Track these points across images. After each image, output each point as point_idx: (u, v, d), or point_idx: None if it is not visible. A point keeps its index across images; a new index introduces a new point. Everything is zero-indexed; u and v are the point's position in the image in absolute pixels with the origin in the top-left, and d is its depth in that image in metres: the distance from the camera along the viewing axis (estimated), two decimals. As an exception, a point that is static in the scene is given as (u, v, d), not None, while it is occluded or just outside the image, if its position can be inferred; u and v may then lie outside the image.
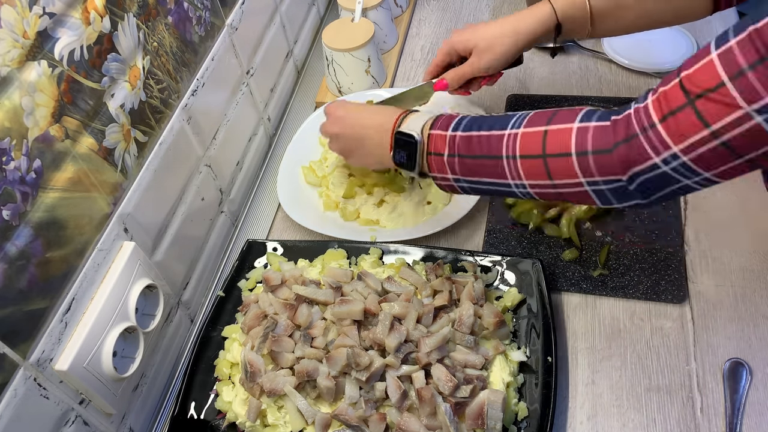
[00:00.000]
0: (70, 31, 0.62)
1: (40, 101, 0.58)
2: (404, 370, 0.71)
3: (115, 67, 0.69)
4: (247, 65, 1.02)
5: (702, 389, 0.73)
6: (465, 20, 1.28)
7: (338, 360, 0.71)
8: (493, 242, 0.90)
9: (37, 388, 0.59)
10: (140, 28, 0.74)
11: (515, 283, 0.81)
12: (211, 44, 0.91)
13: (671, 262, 0.83)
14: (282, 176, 1.01)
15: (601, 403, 0.73)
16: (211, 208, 0.93)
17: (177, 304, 0.84)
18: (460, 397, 0.68)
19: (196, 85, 0.86)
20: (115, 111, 0.70)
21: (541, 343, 0.74)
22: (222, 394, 0.76)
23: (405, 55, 1.24)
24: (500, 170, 0.67)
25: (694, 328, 0.78)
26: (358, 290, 0.78)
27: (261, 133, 1.09)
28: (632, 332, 0.78)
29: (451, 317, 0.75)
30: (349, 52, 1.08)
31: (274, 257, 0.89)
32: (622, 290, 0.81)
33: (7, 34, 0.54)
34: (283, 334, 0.75)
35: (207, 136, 0.90)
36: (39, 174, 0.59)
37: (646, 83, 1.08)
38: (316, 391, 0.72)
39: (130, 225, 0.73)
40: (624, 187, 0.59)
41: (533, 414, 0.70)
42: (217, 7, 0.92)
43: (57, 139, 0.61)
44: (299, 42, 1.25)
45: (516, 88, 1.12)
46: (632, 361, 0.76)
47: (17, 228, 0.56)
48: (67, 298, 0.63)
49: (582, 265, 0.85)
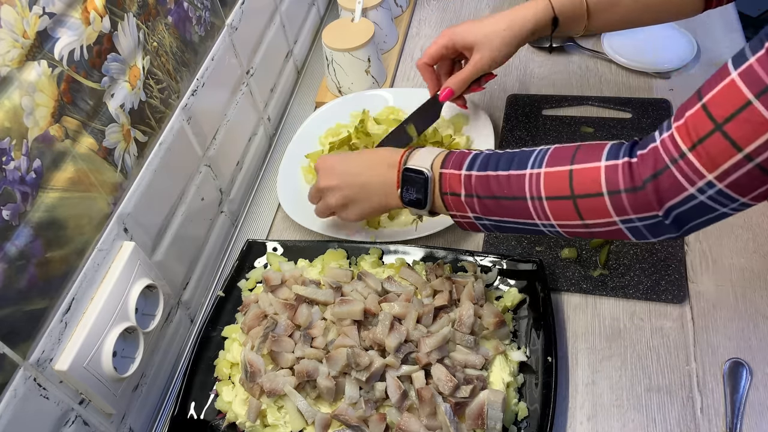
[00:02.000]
0: (69, 31, 0.62)
1: (39, 101, 0.58)
2: (404, 370, 0.71)
3: (115, 67, 0.69)
4: (247, 65, 1.02)
5: (702, 389, 0.73)
6: (465, 20, 1.28)
7: (338, 360, 0.71)
8: (493, 242, 0.90)
9: (36, 388, 0.59)
10: (140, 28, 0.74)
11: (515, 283, 0.81)
12: (211, 44, 0.91)
13: (671, 262, 0.83)
14: (282, 176, 1.01)
15: (601, 403, 0.73)
16: (210, 208, 0.93)
17: (177, 304, 0.84)
18: (460, 397, 0.68)
19: (196, 85, 0.86)
20: (115, 111, 0.70)
21: (541, 343, 0.74)
22: (222, 394, 0.76)
23: (405, 55, 1.24)
24: (525, 211, 0.65)
25: (694, 328, 0.78)
26: (358, 290, 0.78)
27: (261, 133, 1.09)
28: (632, 332, 0.78)
29: (451, 317, 0.75)
30: (349, 52, 1.08)
31: (274, 257, 0.89)
32: (622, 290, 0.81)
33: (7, 33, 0.54)
34: (283, 334, 0.75)
35: (207, 136, 0.90)
36: (39, 174, 0.59)
37: (647, 83, 1.08)
38: (316, 392, 0.72)
39: (130, 225, 0.73)
40: (660, 221, 0.57)
41: (533, 414, 0.70)
42: (216, 7, 0.92)
43: (57, 139, 0.61)
44: (299, 42, 1.25)
45: (516, 88, 1.12)
46: (632, 361, 0.76)
47: (17, 228, 0.56)
48: (67, 298, 0.63)
49: (582, 265, 0.85)
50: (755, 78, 0.47)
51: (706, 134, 0.51)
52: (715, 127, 0.50)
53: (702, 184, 0.53)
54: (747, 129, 0.48)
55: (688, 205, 0.55)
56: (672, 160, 0.54)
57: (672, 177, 0.54)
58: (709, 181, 0.52)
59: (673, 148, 0.54)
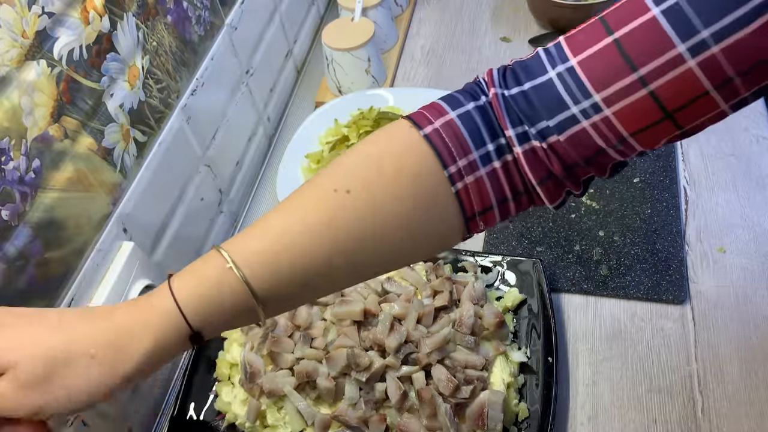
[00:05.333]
0: (69, 31, 0.62)
1: (39, 101, 0.58)
2: (404, 370, 0.71)
3: (114, 67, 0.69)
4: (247, 65, 1.02)
5: (703, 390, 0.73)
6: (465, 20, 1.28)
7: (338, 361, 0.70)
8: (494, 242, 0.89)
9: (35, 389, 0.59)
10: (139, 28, 0.74)
11: (516, 283, 0.81)
12: (211, 44, 0.91)
13: (672, 263, 0.82)
14: (282, 176, 1.01)
15: (602, 404, 0.73)
16: (210, 208, 0.92)
17: (176, 304, 0.84)
18: (460, 398, 0.68)
19: (196, 85, 0.86)
20: (115, 111, 0.70)
21: (541, 344, 0.74)
22: (221, 395, 0.76)
23: (405, 55, 1.23)
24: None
25: (695, 329, 0.78)
26: (358, 290, 0.78)
27: (260, 133, 1.09)
28: (633, 333, 0.78)
29: (452, 318, 0.75)
30: (349, 52, 1.08)
31: (273, 257, 0.89)
32: (623, 290, 0.81)
33: (6, 33, 0.54)
34: (282, 335, 0.75)
35: (206, 136, 0.90)
36: (38, 174, 0.58)
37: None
38: (316, 392, 0.72)
39: (129, 225, 0.72)
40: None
41: (534, 415, 0.70)
42: (216, 7, 0.92)
43: (56, 138, 0.61)
44: (299, 41, 1.25)
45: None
46: (633, 362, 0.76)
47: (16, 228, 0.56)
48: (66, 298, 0.63)
49: (583, 266, 0.84)
50: None
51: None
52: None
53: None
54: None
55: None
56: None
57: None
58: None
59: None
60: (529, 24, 1.23)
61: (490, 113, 0.47)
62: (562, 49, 0.45)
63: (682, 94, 0.41)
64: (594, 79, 0.43)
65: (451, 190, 0.46)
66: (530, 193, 0.48)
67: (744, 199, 0.88)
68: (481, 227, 0.49)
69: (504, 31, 1.23)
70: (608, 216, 0.89)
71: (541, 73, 0.45)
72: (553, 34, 1.17)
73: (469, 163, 0.46)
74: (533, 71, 0.46)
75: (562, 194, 0.48)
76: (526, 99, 0.45)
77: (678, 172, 0.93)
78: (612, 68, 0.42)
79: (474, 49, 1.21)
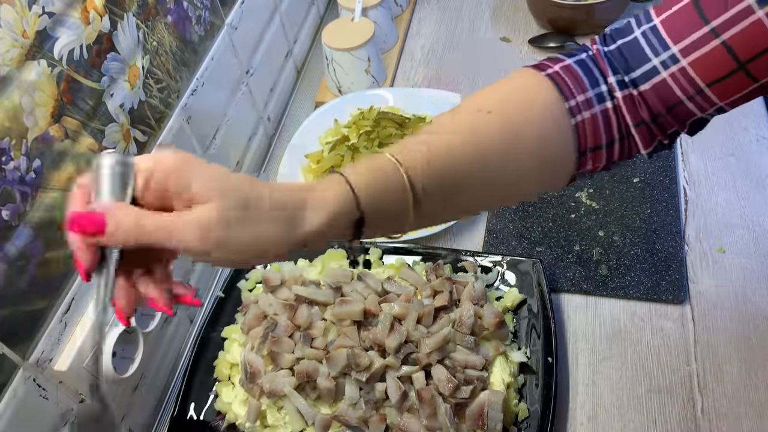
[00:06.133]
0: (69, 31, 0.62)
1: (39, 101, 0.58)
2: (404, 370, 0.71)
3: (114, 67, 0.69)
4: (247, 65, 1.02)
5: (703, 390, 0.73)
6: (465, 20, 1.28)
7: (338, 361, 0.70)
8: (493, 242, 0.89)
9: (36, 389, 0.59)
10: (140, 28, 0.74)
11: (515, 283, 0.81)
12: (211, 44, 0.91)
13: (672, 263, 0.83)
14: (282, 176, 1.01)
15: (602, 404, 0.73)
16: (210, 208, 0.92)
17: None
18: (460, 398, 0.68)
19: (196, 85, 0.86)
20: (115, 111, 0.70)
21: (541, 344, 0.74)
22: (222, 395, 0.76)
23: (405, 55, 1.23)
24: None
25: (695, 329, 0.78)
26: (358, 290, 0.78)
27: (261, 133, 1.09)
28: (633, 333, 0.78)
29: (452, 318, 0.75)
30: (349, 52, 1.08)
31: (273, 257, 0.89)
32: (623, 290, 0.81)
33: (7, 33, 0.54)
34: (282, 335, 0.75)
35: (207, 136, 0.90)
36: (38, 174, 0.58)
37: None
38: (316, 392, 0.72)
39: (130, 225, 0.72)
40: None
41: (533, 415, 0.70)
42: (216, 7, 0.92)
43: (56, 138, 0.61)
44: (299, 41, 1.25)
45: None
46: (633, 362, 0.76)
47: (17, 228, 0.56)
48: (67, 298, 0.63)
49: (583, 266, 0.84)
50: None
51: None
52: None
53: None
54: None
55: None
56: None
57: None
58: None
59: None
60: (528, 24, 1.23)
61: (596, 63, 0.54)
62: (649, 13, 0.51)
63: (753, 43, 0.45)
64: (672, 32, 0.49)
65: (570, 122, 0.53)
66: (630, 137, 0.54)
67: (744, 199, 0.88)
68: (588, 165, 0.55)
69: (504, 31, 1.23)
70: (608, 216, 0.89)
71: (629, 33, 0.52)
72: (553, 34, 1.17)
73: (586, 99, 0.53)
74: (624, 32, 0.52)
75: (654, 142, 0.54)
76: (620, 53, 0.52)
77: (678, 172, 0.93)
78: (688, 22, 0.48)
79: (474, 49, 1.21)
